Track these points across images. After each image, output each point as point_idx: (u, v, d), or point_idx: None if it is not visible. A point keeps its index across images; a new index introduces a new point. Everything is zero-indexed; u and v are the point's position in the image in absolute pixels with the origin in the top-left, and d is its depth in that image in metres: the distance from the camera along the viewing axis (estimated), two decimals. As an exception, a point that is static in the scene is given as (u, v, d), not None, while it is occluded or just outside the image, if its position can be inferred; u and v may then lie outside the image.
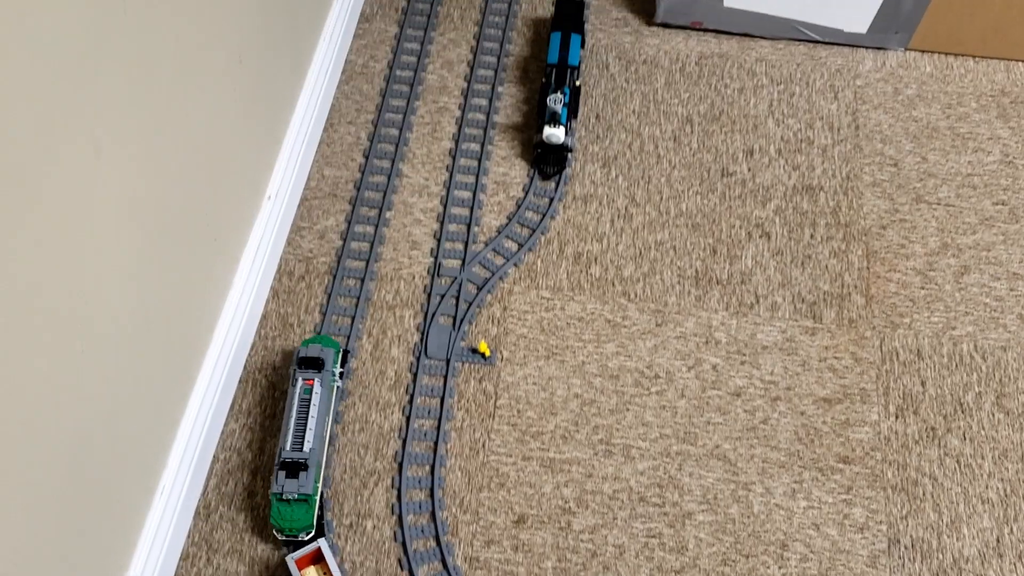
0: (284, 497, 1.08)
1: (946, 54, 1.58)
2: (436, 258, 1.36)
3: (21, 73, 0.71)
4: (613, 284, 1.35)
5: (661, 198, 1.43)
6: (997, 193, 1.43)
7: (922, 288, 1.35)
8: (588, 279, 1.35)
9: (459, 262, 1.36)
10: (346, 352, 1.22)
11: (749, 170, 1.46)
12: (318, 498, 1.10)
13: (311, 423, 1.12)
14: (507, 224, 1.41)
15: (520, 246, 1.38)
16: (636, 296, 1.34)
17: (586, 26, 1.61)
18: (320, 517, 1.12)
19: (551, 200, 1.43)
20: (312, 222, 1.39)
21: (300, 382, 1.14)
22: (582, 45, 1.55)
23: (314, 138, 1.44)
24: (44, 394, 0.81)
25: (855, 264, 1.36)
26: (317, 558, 1.09)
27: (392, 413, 1.23)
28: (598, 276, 1.36)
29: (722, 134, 1.50)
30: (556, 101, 1.41)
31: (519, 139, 1.50)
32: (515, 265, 1.36)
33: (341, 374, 1.20)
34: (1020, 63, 1.57)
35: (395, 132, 1.49)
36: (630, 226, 1.40)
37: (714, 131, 1.50)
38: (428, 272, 1.36)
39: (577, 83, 1.48)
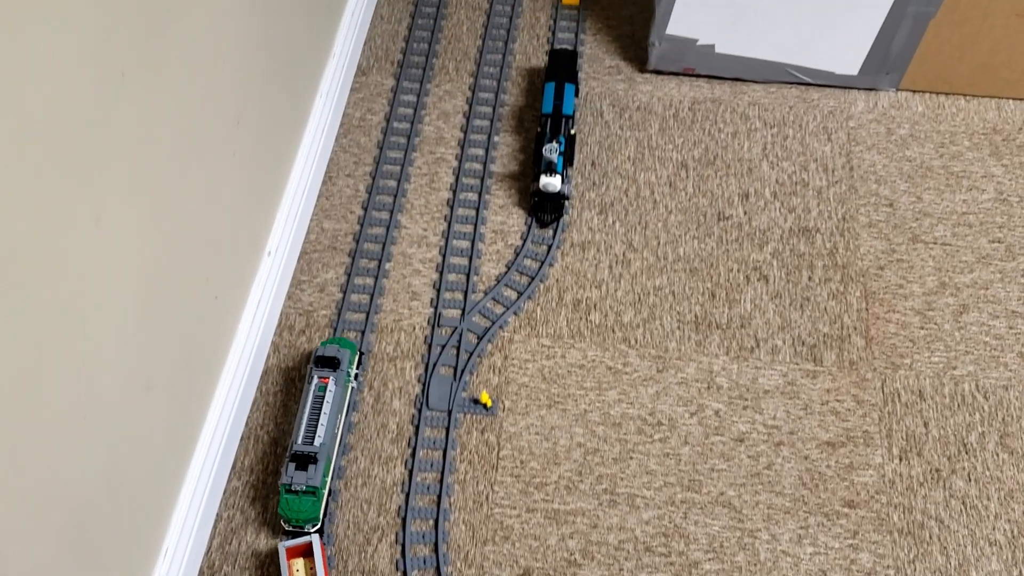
0: (293, 488, 1.11)
1: (937, 93, 1.60)
2: (436, 308, 1.37)
3: (19, 144, 0.72)
4: (613, 330, 1.35)
5: (658, 243, 1.44)
6: (993, 231, 1.44)
7: (921, 328, 1.35)
8: (588, 326, 1.36)
9: (459, 312, 1.37)
10: (362, 354, 1.27)
11: (745, 213, 1.47)
12: (326, 492, 1.13)
13: (323, 419, 1.15)
14: (506, 272, 1.41)
15: (519, 294, 1.39)
16: (636, 342, 1.34)
17: (579, 75, 1.63)
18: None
19: (549, 248, 1.44)
20: (312, 275, 1.40)
21: (316, 380, 1.18)
22: (576, 94, 1.57)
23: (313, 192, 1.46)
24: (46, 462, 0.81)
25: (854, 305, 1.37)
26: (307, 552, 1.11)
27: (395, 467, 1.23)
28: (598, 323, 1.36)
29: (717, 178, 1.51)
30: (551, 151, 1.42)
31: (516, 188, 1.51)
32: (515, 314, 1.37)
33: (356, 376, 1.24)
34: (1010, 101, 1.59)
35: (393, 184, 1.50)
36: (628, 272, 1.41)
37: (709, 175, 1.51)
38: (428, 323, 1.36)
39: (572, 131, 1.49)
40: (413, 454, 1.23)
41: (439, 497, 1.20)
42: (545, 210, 1.46)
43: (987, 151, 1.53)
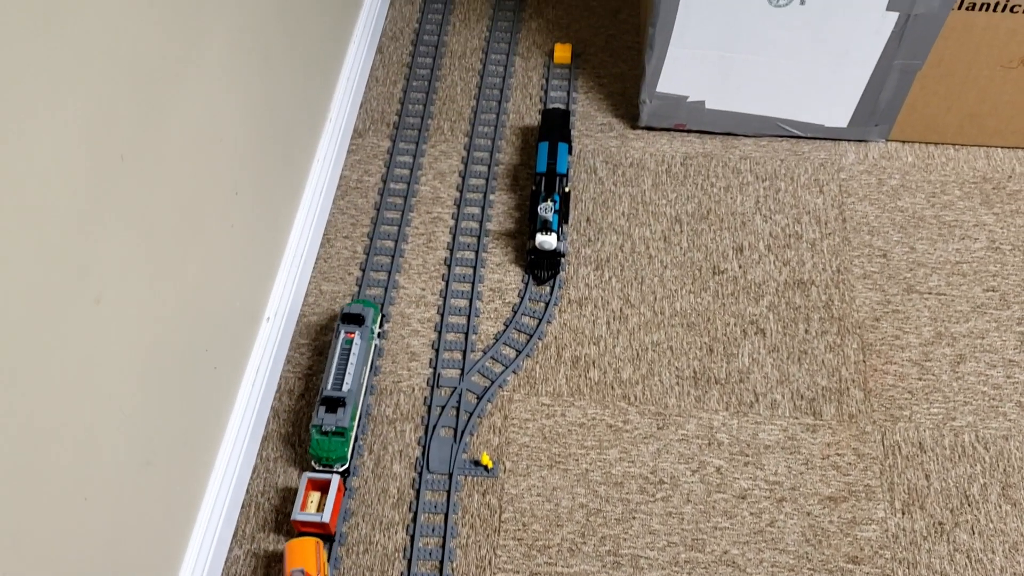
0: (323, 429, 1.21)
1: (926, 143, 1.62)
2: (435, 369, 1.37)
3: (20, 229, 0.73)
4: (612, 387, 1.35)
5: (655, 298, 1.45)
6: (987, 280, 1.45)
7: (919, 379, 1.35)
8: (587, 383, 1.36)
9: (458, 372, 1.37)
10: (383, 316, 1.38)
11: (740, 267, 1.48)
12: (353, 434, 1.23)
13: (350, 368, 1.25)
14: (504, 331, 1.42)
15: (518, 352, 1.39)
16: (636, 399, 1.34)
17: (572, 132, 1.65)
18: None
19: (546, 305, 1.45)
20: (311, 338, 1.41)
21: (343, 334, 1.28)
22: (569, 152, 1.58)
23: (311, 255, 1.47)
24: (46, 541, 0.80)
25: (851, 358, 1.37)
26: (327, 488, 1.19)
27: (396, 532, 1.22)
28: (597, 380, 1.36)
29: (711, 232, 1.52)
30: (546, 209, 1.43)
31: (512, 245, 1.52)
32: (514, 372, 1.37)
33: (379, 334, 1.36)
34: (999, 149, 1.61)
35: (391, 244, 1.52)
36: (626, 328, 1.42)
37: (703, 230, 1.53)
38: (428, 383, 1.36)
39: (566, 189, 1.51)
40: (414, 519, 1.23)
41: (441, 563, 1.19)
42: (542, 267, 1.47)
43: (978, 200, 1.54)
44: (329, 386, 1.24)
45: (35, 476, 0.78)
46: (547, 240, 1.43)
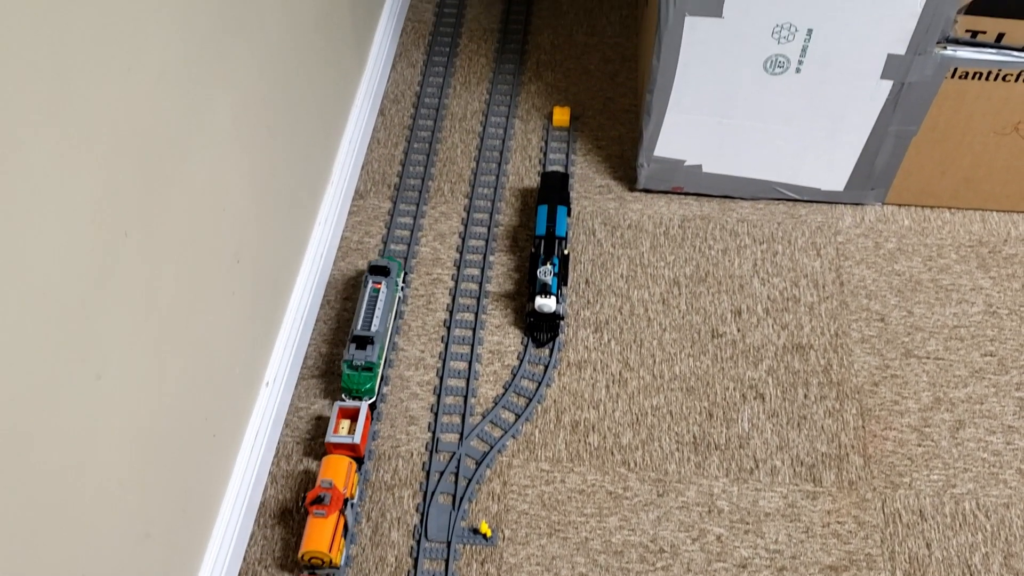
0: (354, 364, 1.33)
1: (922, 207, 1.63)
2: (434, 433, 1.37)
3: (22, 307, 0.73)
4: (612, 453, 1.35)
5: (654, 361, 1.45)
6: (984, 344, 1.46)
7: (919, 445, 1.35)
8: (587, 448, 1.36)
9: (457, 436, 1.37)
10: (406, 273, 1.54)
11: (739, 330, 1.48)
12: (380, 371, 1.35)
13: (377, 311, 1.38)
14: (503, 394, 1.42)
15: (517, 416, 1.39)
16: (636, 465, 1.34)
17: (571, 194, 1.67)
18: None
19: (546, 368, 1.45)
20: (310, 402, 1.41)
21: (370, 284, 1.41)
22: (568, 214, 1.60)
23: (311, 317, 1.47)
24: (42, 626, 0.80)
25: (850, 423, 1.37)
26: (356, 416, 1.30)
27: (394, 602, 1.21)
28: (596, 445, 1.36)
29: (709, 295, 1.53)
30: (546, 273, 1.44)
31: (512, 307, 1.53)
32: (513, 437, 1.37)
33: (403, 287, 1.50)
34: (994, 212, 1.62)
35: (390, 306, 1.52)
36: (625, 391, 1.42)
37: (701, 292, 1.53)
38: (426, 448, 1.36)
39: (565, 251, 1.52)
40: (413, 588, 1.22)
41: (439, 634, 1.18)
42: (541, 330, 1.47)
43: (974, 263, 1.55)
44: (359, 327, 1.37)
45: (33, 551, 0.77)
46: (546, 303, 1.43)
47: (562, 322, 1.49)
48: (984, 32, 1.38)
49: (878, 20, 1.36)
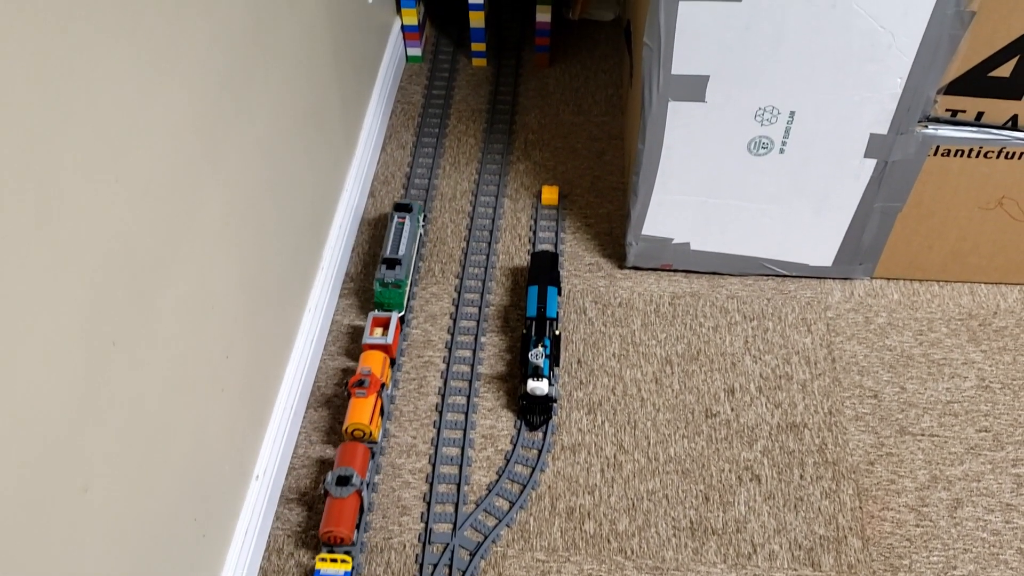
0: (385, 282, 1.54)
1: (911, 280, 1.64)
2: (426, 524, 1.35)
3: (12, 419, 0.73)
4: (608, 541, 1.33)
5: (649, 443, 1.44)
6: (979, 420, 1.45)
7: (917, 526, 1.34)
8: (582, 536, 1.34)
9: (450, 526, 1.35)
10: (425, 216, 1.74)
11: (732, 410, 1.48)
12: (407, 288, 1.58)
13: (403, 239, 1.60)
14: (497, 481, 1.40)
15: (511, 504, 1.38)
16: (633, 553, 1.32)
17: (561, 273, 1.67)
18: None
19: (539, 452, 1.44)
20: (301, 493, 1.39)
21: (395, 218, 1.64)
22: (559, 294, 1.60)
23: (301, 405, 1.46)
24: None
25: (847, 504, 1.36)
26: (387, 324, 1.51)
27: None
28: (592, 533, 1.34)
29: (702, 374, 1.53)
30: (537, 356, 1.44)
31: (504, 389, 1.52)
32: (507, 526, 1.35)
33: (423, 225, 1.71)
34: (982, 285, 1.63)
35: (381, 391, 1.51)
36: (620, 475, 1.40)
37: (694, 371, 1.53)
38: (419, 539, 1.34)
39: (557, 332, 1.52)
40: None
41: None
42: (534, 412, 1.46)
43: (965, 337, 1.56)
44: (388, 251, 1.58)
45: None
46: (539, 386, 1.43)
47: (555, 404, 1.48)
48: (964, 111, 1.40)
49: (859, 102, 1.38)
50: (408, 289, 1.60)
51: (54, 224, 0.76)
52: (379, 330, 1.51)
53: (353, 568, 1.27)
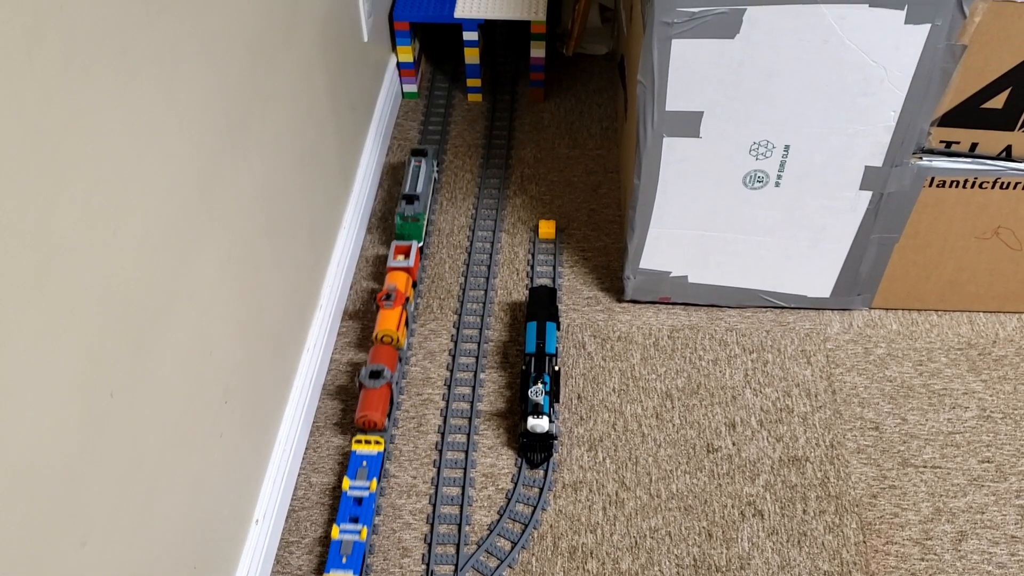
0: (405, 216, 1.72)
1: (909, 310, 1.64)
2: (428, 566, 1.34)
3: (8, 476, 0.72)
4: (610, 579, 1.32)
5: (650, 480, 1.43)
6: (981, 450, 1.45)
7: (922, 560, 1.33)
8: None
9: (452, 568, 1.34)
10: (440, 161, 1.93)
11: (734, 444, 1.47)
12: (424, 222, 1.74)
13: (420, 179, 1.79)
14: (498, 520, 1.39)
15: (513, 544, 1.37)
16: (635, 591, 1.31)
17: (560, 307, 1.67)
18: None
19: (541, 490, 1.43)
20: (301, 535, 1.38)
21: (412, 162, 1.82)
22: (558, 328, 1.60)
23: (300, 447, 1.45)
24: None
25: (851, 538, 1.35)
26: (408, 252, 1.68)
27: None
28: (595, 572, 1.33)
29: (702, 408, 1.52)
30: (537, 393, 1.44)
31: (504, 426, 1.51)
32: (509, 567, 1.34)
33: (437, 170, 1.89)
34: (981, 314, 1.63)
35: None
36: (623, 513, 1.40)
37: (694, 405, 1.53)
38: (421, 581, 1.33)
39: (556, 368, 1.51)
40: None
41: None
42: (534, 450, 1.46)
43: (965, 367, 1.55)
44: (407, 189, 1.76)
45: None
46: (539, 423, 1.42)
47: (556, 441, 1.48)
48: (958, 143, 1.41)
49: (853, 135, 1.39)
50: (424, 223, 1.76)
51: (52, 280, 0.76)
52: (401, 256, 1.67)
53: (384, 450, 1.44)
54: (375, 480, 1.39)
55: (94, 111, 0.81)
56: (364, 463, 1.41)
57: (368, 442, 1.44)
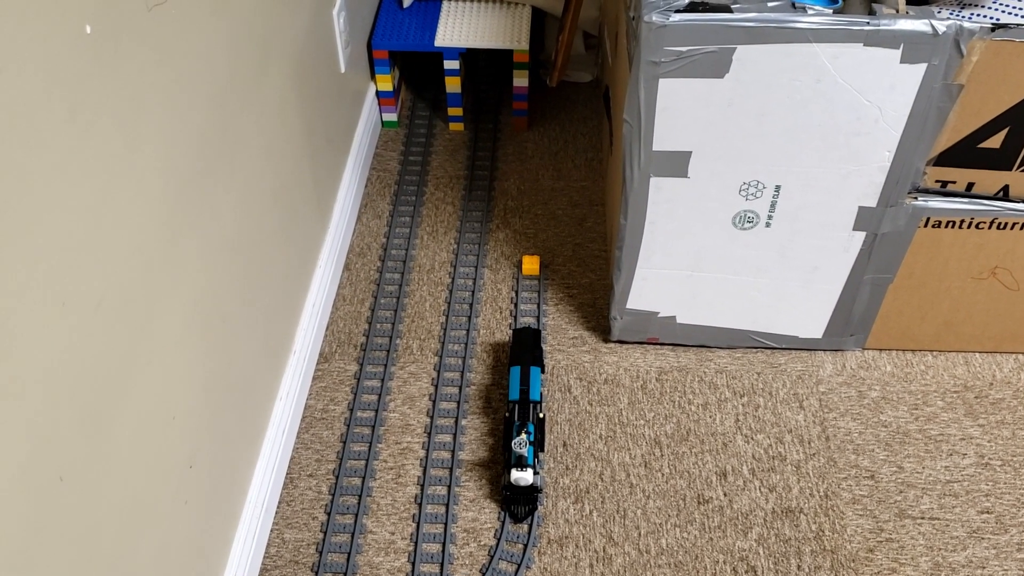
0: None
1: (904, 351, 1.60)
2: (407, 628, 1.28)
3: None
4: (598, 642, 1.26)
5: (639, 534, 1.38)
6: (980, 500, 1.40)
7: (923, 619, 1.28)
8: (571, 637, 1.27)
9: (432, 631, 1.28)
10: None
11: (725, 495, 1.41)
12: None
13: None
14: (481, 578, 1.33)
15: (496, 604, 1.31)
16: (624, 655, 1.25)
17: (544, 347, 1.62)
18: None
19: (525, 547, 1.37)
20: (274, 597, 1.31)
21: None
22: (542, 371, 1.54)
23: (273, 501, 1.39)
24: None
25: (849, 597, 1.30)
26: None
27: None
28: (581, 634, 1.27)
29: (692, 455, 1.47)
30: (520, 444, 1.38)
31: (486, 477, 1.45)
32: (492, 629, 1.28)
33: None
34: (976, 355, 1.59)
35: (357, 482, 1.44)
36: (611, 571, 1.34)
37: (684, 452, 1.47)
38: (400, 645, 1.26)
39: (541, 415, 1.45)
40: None
41: None
42: (518, 503, 1.40)
43: (962, 411, 1.51)
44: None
45: None
46: (523, 476, 1.36)
47: (540, 495, 1.42)
48: (954, 182, 1.36)
49: (847, 175, 1.34)
50: None
51: (-11, 364, 0.70)
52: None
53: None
54: None
55: (40, 176, 0.75)
56: None
57: None
